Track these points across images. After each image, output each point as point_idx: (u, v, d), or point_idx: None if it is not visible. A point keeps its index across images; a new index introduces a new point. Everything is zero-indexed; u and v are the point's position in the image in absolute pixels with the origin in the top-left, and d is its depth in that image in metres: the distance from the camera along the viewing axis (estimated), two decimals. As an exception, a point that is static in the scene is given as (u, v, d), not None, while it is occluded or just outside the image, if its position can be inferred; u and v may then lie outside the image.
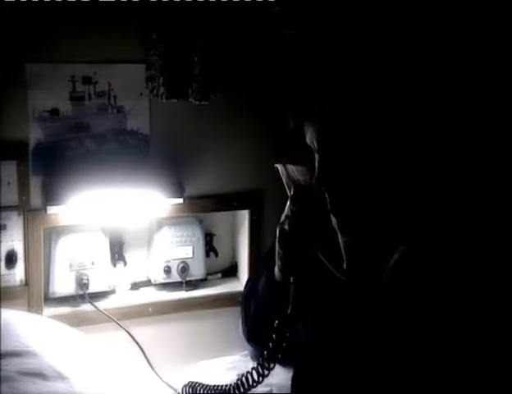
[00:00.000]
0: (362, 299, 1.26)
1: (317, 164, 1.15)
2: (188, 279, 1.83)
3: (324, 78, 1.21)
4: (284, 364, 1.68)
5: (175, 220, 1.80)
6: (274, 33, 1.67)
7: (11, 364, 1.31)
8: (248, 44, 1.66)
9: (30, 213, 1.61)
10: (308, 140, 1.16)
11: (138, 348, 1.71)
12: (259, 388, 1.60)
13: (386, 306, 1.20)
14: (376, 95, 1.22)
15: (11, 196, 1.59)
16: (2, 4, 1.46)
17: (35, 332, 1.47)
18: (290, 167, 1.25)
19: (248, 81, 1.69)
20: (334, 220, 1.22)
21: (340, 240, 1.27)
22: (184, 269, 1.82)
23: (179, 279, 1.82)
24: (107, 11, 1.54)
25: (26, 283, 1.63)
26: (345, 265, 1.26)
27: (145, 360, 1.70)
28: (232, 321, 1.82)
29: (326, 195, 1.17)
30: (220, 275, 1.93)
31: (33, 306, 1.63)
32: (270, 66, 1.69)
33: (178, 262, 1.82)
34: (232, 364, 1.77)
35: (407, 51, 1.59)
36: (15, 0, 1.47)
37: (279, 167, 1.28)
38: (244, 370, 1.71)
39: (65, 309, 1.69)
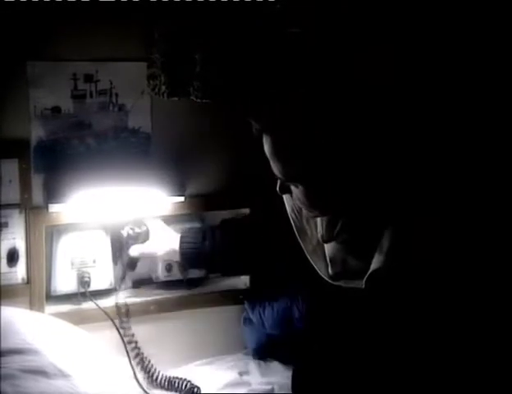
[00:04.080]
0: (352, 300, 1.30)
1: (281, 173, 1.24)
2: (189, 277, 1.82)
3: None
4: (285, 361, 1.71)
5: (176, 218, 1.79)
6: (275, 31, 1.66)
7: (12, 362, 1.32)
8: (248, 43, 1.64)
9: (32, 211, 1.60)
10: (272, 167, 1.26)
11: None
12: (261, 386, 1.62)
13: (368, 309, 1.24)
14: (373, 92, 1.22)
15: (13, 194, 1.58)
16: (4, 3, 1.46)
17: (37, 329, 1.47)
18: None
19: (248, 80, 1.69)
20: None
21: (326, 248, 1.35)
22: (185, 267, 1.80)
23: (180, 277, 1.82)
24: (109, 9, 1.54)
25: (28, 281, 1.62)
26: (330, 270, 1.34)
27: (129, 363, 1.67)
28: (233, 319, 1.83)
29: (298, 185, 1.22)
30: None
31: (34, 304, 1.62)
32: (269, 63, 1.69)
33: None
34: (233, 363, 1.78)
35: (406, 47, 1.59)
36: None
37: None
38: (245, 369, 1.73)
39: (66, 307, 1.68)
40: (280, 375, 1.69)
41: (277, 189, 1.30)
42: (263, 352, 1.79)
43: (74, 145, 1.63)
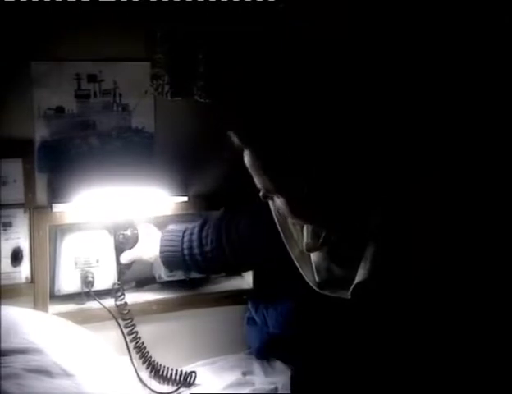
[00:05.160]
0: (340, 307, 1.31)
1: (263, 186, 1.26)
2: (192, 277, 1.82)
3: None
4: (289, 361, 1.71)
5: (179, 218, 1.78)
6: (277, 30, 1.66)
7: (16, 361, 1.32)
8: (251, 41, 1.65)
9: (36, 211, 1.60)
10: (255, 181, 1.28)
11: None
12: (265, 386, 1.62)
13: (355, 318, 1.27)
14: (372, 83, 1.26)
15: (17, 194, 1.58)
16: (8, 3, 1.45)
17: (41, 329, 1.48)
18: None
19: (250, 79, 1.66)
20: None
21: (311, 255, 1.36)
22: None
23: (183, 277, 1.81)
24: (112, 9, 1.54)
25: (32, 281, 1.62)
26: (316, 278, 1.35)
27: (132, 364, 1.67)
28: (237, 319, 1.83)
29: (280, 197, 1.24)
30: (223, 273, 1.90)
31: (38, 304, 1.62)
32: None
33: (182, 260, 1.80)
34: (237, 363, 1.78)
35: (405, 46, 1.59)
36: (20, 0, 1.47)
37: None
38: (248, 369, 1.73)
39: (70, 307, 1.68)
40: (283, 375, 1.69)
41: (260, 196, 1.31)
42: (267, 352, 1.78)
43: (77, 145, 1.62)
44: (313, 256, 1.36)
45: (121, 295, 1.71)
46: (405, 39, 1.60)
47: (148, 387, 1.63)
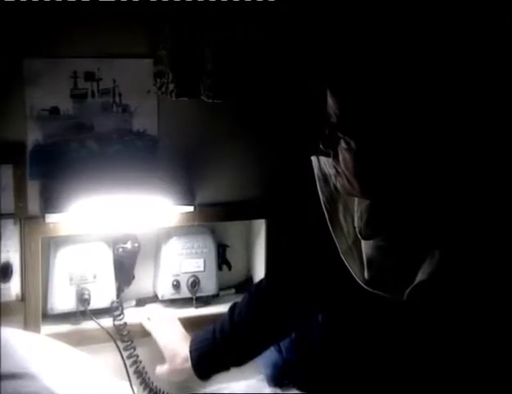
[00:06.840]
0: (380, 309, 1.28)
1: (337, 112, 1.19)
2: (198, 295, 1.78)
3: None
4: (304, 389, 1.66)
5: (184, 230, 1.76)
6: (279, 29, 1.66)
7: (9, 387, 1.26)
8: (254, 41, 1.65)
9: (27, 222, 1.58)
10: (328, 107, 1.21)
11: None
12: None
13: (405, 322, 1.19)
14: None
15: (7, 203, 1.55)
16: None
17: (33, 352, 1.42)
18: (323, 160, 1.36)
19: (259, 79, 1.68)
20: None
21: (363, 248, 1.30)
22: (194, 284, 1.77)
23: (189, 295, 1.78)
24: (112, 1, 1.52)
25: (22, 298, 1.60)
26: (366, 274, 1.30)
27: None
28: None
29: (352, 143, 1.18)
30: (233, 290, 1.87)
31: (29, 323, 1.59)
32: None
33: (188, 276, 1.77)
34: (247, 389, 1.74)
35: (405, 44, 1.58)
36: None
37: (313, 159, 1.38)
38: (260, 394, 1.67)
39: (64, 327, 1.65)
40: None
41: (321, 143, 1.24)
42: (280, 378, 1.72)
43: (74, 149, 1.60)
44: (365, 248, 1.30)
45: (120, 315, 1.67)
46: (405, 39, 1.63)
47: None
